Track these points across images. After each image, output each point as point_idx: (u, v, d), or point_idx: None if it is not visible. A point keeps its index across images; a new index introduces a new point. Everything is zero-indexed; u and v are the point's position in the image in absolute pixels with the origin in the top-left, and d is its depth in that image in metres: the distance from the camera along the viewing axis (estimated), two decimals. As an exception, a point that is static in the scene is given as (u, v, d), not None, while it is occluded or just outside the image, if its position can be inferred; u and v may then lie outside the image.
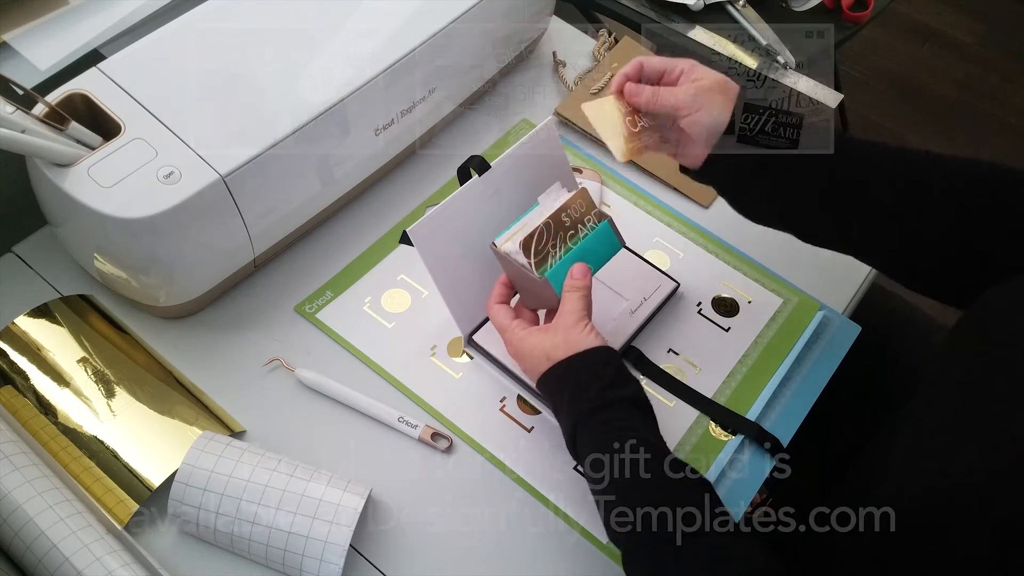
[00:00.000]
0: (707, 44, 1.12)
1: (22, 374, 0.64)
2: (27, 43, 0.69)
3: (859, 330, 0.75)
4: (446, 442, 0.66)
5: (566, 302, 0.61)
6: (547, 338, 0.61)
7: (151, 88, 0.64)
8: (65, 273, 0.72)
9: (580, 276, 0.62)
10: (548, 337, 0.61)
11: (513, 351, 0.63)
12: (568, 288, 0.62)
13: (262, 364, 0.69)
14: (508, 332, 0.63)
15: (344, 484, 0.59)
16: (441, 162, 0.83)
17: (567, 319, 0.61)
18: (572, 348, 0.59)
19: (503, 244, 0.63)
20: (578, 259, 0.63)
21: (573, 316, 0.61)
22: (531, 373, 0.62)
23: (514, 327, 0.63)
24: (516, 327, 0.63)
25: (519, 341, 0.62)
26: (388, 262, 0.76)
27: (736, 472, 0.67)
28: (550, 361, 0.59)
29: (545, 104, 0.90)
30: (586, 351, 0.59)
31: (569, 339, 0.60)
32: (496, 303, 0.65)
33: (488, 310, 0.65)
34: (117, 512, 0.58)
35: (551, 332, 0.61)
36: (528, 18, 0.84)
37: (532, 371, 0.62)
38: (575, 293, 0.61)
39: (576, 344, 0.59)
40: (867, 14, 1.19)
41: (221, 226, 0.64)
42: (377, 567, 0.61)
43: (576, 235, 0.65)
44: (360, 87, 0.68)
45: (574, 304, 0.61)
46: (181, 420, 0.63)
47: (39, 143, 0.58)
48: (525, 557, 0.62)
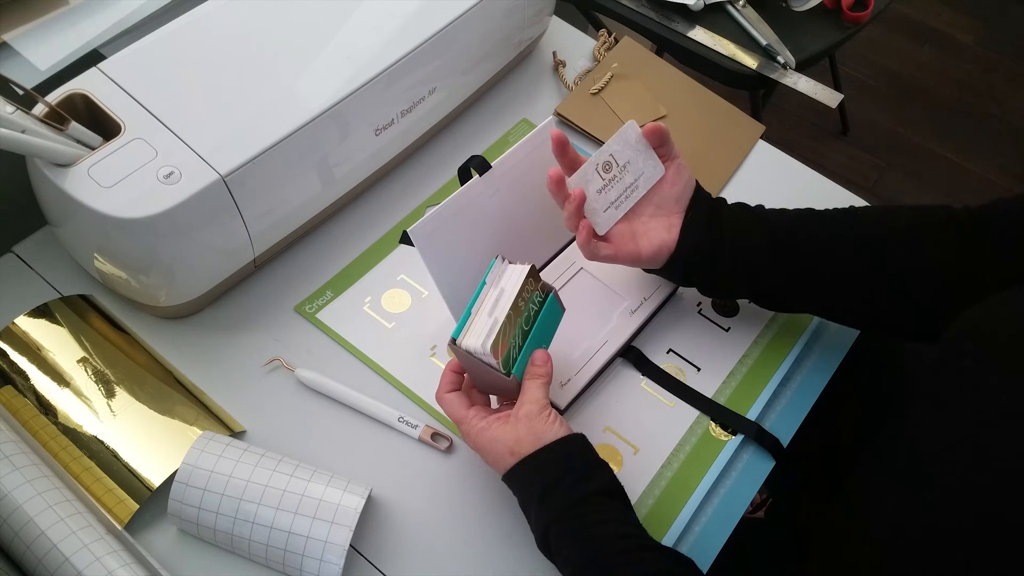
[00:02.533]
0: (707, 44, 1.12)
1: (22, 374, 0.64)
2: (27, 43, 0.69)
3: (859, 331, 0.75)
4: (446, 442, 0.66)
5: (528, 390, 0.58)
6: (509, 431, 0.57)
7: (151, 88, 0.64)
8: (65, 273, 0.72)
9: (541, 363, 0.59)
10: (510, 429, 0.57)
11: (472, 443, 0.59)
12: (530, 376, 0.58)
13: (262, 364, 0.69)
14: (465, 423, 0.59)
15: (344, 484, 0.59)
16: (441, 162, 0.83)
17: (530, 408, 0.57)
18: (538, 441, 0.56)
19: (464, 340, 0.58)
20: (535, 343, 0.60)
21: (536, 405, 0.57)
22: (495, 466, 0.58)
23: (471, 418, 0.59)
24: (473, 418, 0.59)
25: (478, 434, 0.58)
26: (388, 262, 0.76)
27: (736, 472, 0.67)
28: (515, 456, 0.56)
29: (545, 104, 0.90)
30: (553, 443, 0.56)
31: (534, 431, 0.56)
32: (446, 392, 0.60)
33: (439, 401, 0.61)
34: (117, 512, 0.58)
35: (512, 423, 0.57)
36: (528, 18, 0.84)
37: (495, 464, 0.58)
38: (537, 380, 0.58)
39: (542, 436, 0.56)
40: (867, 14, 1.19)
41: (221, 226, 0.64)
42: (377, 567, 0.61)
43: (530, 317, 0.60)
44: (360, 87, 0.68)
45: (535, 393, 0.57)
46: (181, 420, 0.63)
47: (39, 143, 0.58)
48: (525, 557, 0.62)
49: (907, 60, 2.18)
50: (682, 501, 0.65)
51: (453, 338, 0.58)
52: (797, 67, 1.11)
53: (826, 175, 0.87)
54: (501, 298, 0.59)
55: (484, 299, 0.60)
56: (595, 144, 0.87)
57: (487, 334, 0.57)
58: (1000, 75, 2.16)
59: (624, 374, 0.71)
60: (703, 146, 0.88)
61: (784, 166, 0.88)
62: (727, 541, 0.64)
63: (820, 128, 2.01)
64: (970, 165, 1.97)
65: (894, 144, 2.00)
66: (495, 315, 0.58)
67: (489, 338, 0.56)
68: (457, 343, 0.58)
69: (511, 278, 0.60)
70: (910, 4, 2.27)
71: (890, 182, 1.92)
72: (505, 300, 0.59)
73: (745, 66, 1.11)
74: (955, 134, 2.02)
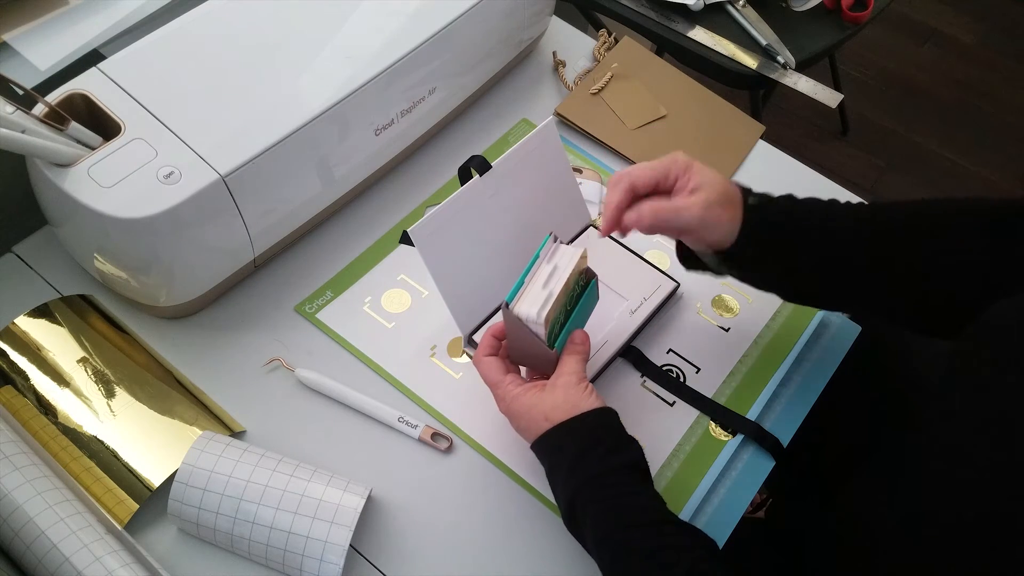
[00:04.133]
0: (707, 44, 1.12)
1: (22, 374, 0.64)
2: (27, 43, 0.69)
3: (859, 330, 0.75)
4: (446, 442, 0.66)
5: (566, 363, 0.59)
6: (546, 397, 0.58)
7: (151, 88, 0.64)
8: (65, 273, 0.72)
9: (581, 342, 0.61)
10: (547, 396, 0.58)
11: (505, 408, 0.60)
12: (569, 351, 0.60)
13: (262, 364, 0.69)
14: (501, 388, 0.60)
15: (344, 484, 0.59)
16: (441, 162, 0.83)
17: (568, 379, 0.58)
18: (574, 409, 0.57)
19: (517, 307, 0.59)
20: (575, 323, 0.62)
21: (574, 376, 0.59)
22: (526, 432, 0.59)
23: (507, 383, 0.60)
24: (509, 384, 0.60)
25: (514, 399, 0.59)
26: (388, 262, 0.76)
27: (736, 472, 0.67)
28: (550, 422, 0.57)
29: (545, 104, 0.90)
30: (588, 412, 0.57)
31: (570, 399, 0.57)
32: (486, 355, 0.62)
33: (477, 363, 0.62)
34: (117, 512, 0.58)
35: (550, 391, 0.58)
36: (528, 18, 0.84)
37: (527, 431, 0.59)
38: (576, 356, 0.60)
39: (578, 404, 0.57)
40: (867, 14, 1.19)
41: (221, 226, 0.64)
42: (377, 567, 0.61)
43: (573, 298, 0.63)
44: (360, 87, 0.68)
45: (574, 366, 0.59)
46: (181, 420, 0.63)
47: (39, 143, 0.58)
48: (525, 557, 0.62)
49: (907, 60, 2.17)
50: (682, 501, 0.65)
51: (506, 302, 0.59)
52: (797, 67, 1.11)
53: (826, 175, 0.87)
54: (555, 274, 0.61)
55: (537, 271, 0.61)
56: (595, 144, 0.87)
57: (542, 304, 0.58)
58: (1000, 75, 2.16)
59: (624, 374, 0.71)
60: (703, 146, 0.88)
61: (784, 166, 0.88)
62: (727, 541, 0.64)
63: (820, 128, 2.01)
64: (970, 165, 1.97)
65: (894, 144, 2.00)
66: (550, 287, 0.59)
67: (544, 308, 0.58)
68: (510, 308, 0.59)
69: (564, 257, 0.62)
70: (910, 4, 2.27)
71: (890, 182, 1.92)
72: (558, 276, 0.60)
73: (745, 66, 1.11)
74: (955, 134, 2.02)
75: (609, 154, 0.86)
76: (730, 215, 0.59)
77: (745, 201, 0.60)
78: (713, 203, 0.58)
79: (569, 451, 0.56)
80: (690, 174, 0.59)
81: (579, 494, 0.55)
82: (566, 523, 0.58)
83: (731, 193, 0.60)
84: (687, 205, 0.58)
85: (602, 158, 0.86)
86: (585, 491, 0.55)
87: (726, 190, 0.59)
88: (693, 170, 0.59)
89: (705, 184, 0.59)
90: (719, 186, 0.59)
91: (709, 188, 0.58)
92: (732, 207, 0.59)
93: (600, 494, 0.55)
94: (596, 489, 0.55)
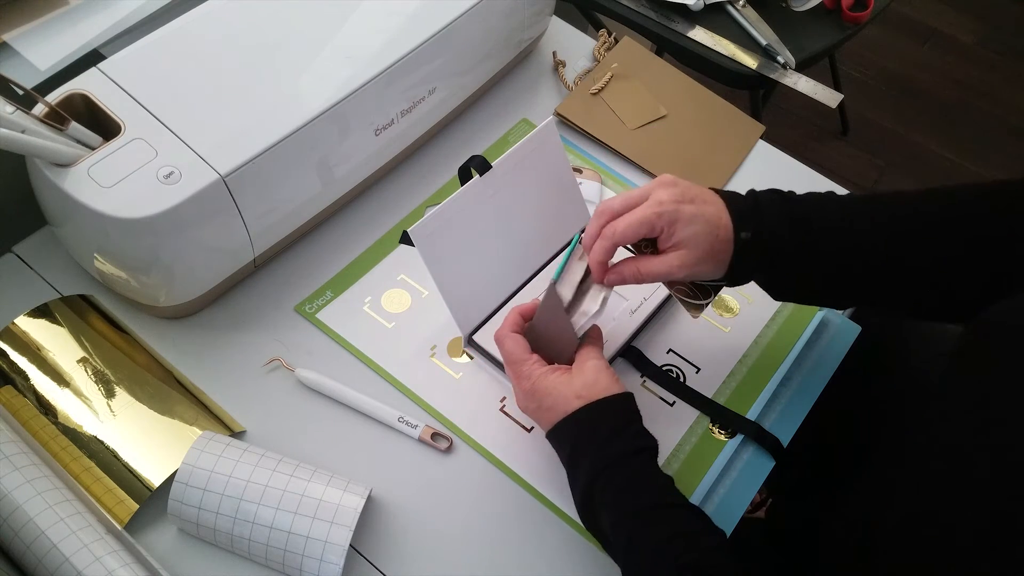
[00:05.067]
0: (707, 44, 1.12)
1: (22, 374, 0.64)
2: (27, 43, 0.69)
3: (859, 330, 0.75)
4: (446, 442, 0.66)
5: (591, 350, 0.60)
6: (575, 378, 0.59)
7: (151, 88, 0.64)
8: (65, 273, 0.72)
9: (598, 336, 0.63)
10: (576, 377, 0.59)
11: (529, 386, 0.60)
12: (590, 342, 0.61)
13: (262, 364, 0.69)
14: (526, 365, 0.60)
15: (344, 484, 0.59)
16: (441, 162, 0.83)
17: (598, 363, 0.59)
18: (607, 390, 0.58)
19: (561, 287, 0.61)
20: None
21: (602, 361, 0.60)
22: (549, 413, 0.59)
23: (532, 361, 0.60)
24: (535, 362, 0.60)
25: (540, 377, 0.59)
26: (388, 262, 0.76)
27: (736, 472, 0.67)
28: (581, 399, 0.57)
29: (545, 104, 0.90)
30: (620, 395, 0.58)
31: (601, 381, 0.58)
32: (512, 331, 0.62)
33: (499, 339, 0.62)
34: (117, 512, 0.58)
35: (578, 372, 0.59)
36: (528, 18, 0.84)
37: (552, 410, 0.58)
38: (597, 346, 0.62)
39: (610, 387, 0.58)
40: (867, 14, 1.19)
41: (221, 226, 0.64)
42: (377, 567, 0.61)
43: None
44: (360, 87, 0.68)
45: (598, 352, 0.61)
46: (181, 420, 0.63)
47: (39, 143, 0.58)
48: (525, 557, 0.62)
49: (907, 60, 2.18)
50: (682, 501, 0.65)
51: (554, 280, 0.61)
52: (797, 67, 1.11)
53: (826, 175, 0.87)
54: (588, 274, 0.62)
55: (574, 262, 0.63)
56: (595, 144, 0.87)
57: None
58: (1000, 75, 2.16)
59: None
60: (703, 146, 0.88)
61: (784, 166, 0.88)
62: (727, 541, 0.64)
63: (820, 128, 2.01)
64: (970, 165, 1.97)
65: (894, 144, 2.00)
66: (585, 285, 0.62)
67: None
68: (555, 286, 0.60)
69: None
70: (910, 4, 2.27)
71: (890, 182, 1.92)
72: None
73: (745, 66, 1.11)
74: (955, 134, 2.02)
75: (609, 154, 0.86)
76: (715, 264, 0.59)
77: (737, 236, 0.59)
78: (692, 263, 0.58)
79: (603, 428, 0.57)
80: (675, 228, 0.58)
81: (602, 474, 0.55)
82: (580, 504, 0.58)
83: (720, 239, 0.59)
84: (666, 270, 0.59)
85: (602, 158, 0.86)
86: (612, 469, 0.55)
87: (712, 244, 0.58)
88: (678, 224, 0.58)
89: (688, 241, 0.58)
90: (704, 242, 0.58)
91: (692, 246, 0.58)
92: (721, 252, 0.59)
93: (626, 472, 0.55)
94: (623, 468, 0.55)
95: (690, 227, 0.58)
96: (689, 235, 0.58)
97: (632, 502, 0.55)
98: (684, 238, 0.58)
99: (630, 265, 0.60)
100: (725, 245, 0.59)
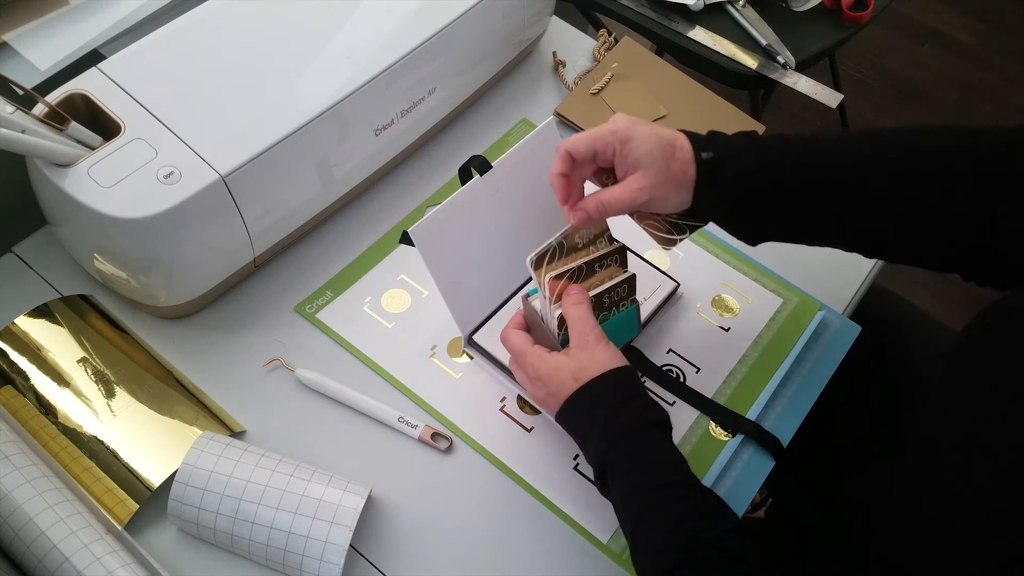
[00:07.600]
0: (707, 44, 1.12)
1: (22, 374, 0.64)
2: (27, 43, 0.69)
3: (859, 330, 0.75)
4: (446, 442, 0.66)
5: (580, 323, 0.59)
6: (571, 360, 0.58)
7: (151, 88, 0.64)
8: (65, 273, 0.72)
9: (578, 291, 0.61)
10: (571, 359, 0.58)
11: (533, 373, 0.60)
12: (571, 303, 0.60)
13: (262, 364, 0.69)
14: (529, 355, 0.60)
15: (344, 484, 0.59)
16: (441, 162, 0.83)
17: (590, 337, 0.58)
18: (604, 365, 0.57)
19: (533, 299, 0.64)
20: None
21: (593, 334, 0.58)
22: (554, 396, 0.59)
23: (536, 350, 0.60)
24: (538, 351, 0.60)
25: (542, 362, 0.59)
26: (388, 262, 0.76)
27: (736, 472, 0.67)
28: (578, 381, 0.57)
29: (545, 104, 0.90)
30: (617, 368, 0.57)
31: (595, 357, 0.57)
32: (515, 328, 0.63)
33: (505, 335, 0.63)
34: (117, 512, 0.58)
35: (573, 354, 0.58)
36: (528, 18, 0.84)
37: (556, 394, 0.58)
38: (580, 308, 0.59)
39: (605, 362, 0.57)
40: (867, 14, 1.19)
41: (221, 226, 0.64)
42: (377, 567, 0.61)
43: (606, 317, 0.65)
44: (360, 87, 0.68)
45: (591, 323, 0.59)
46: (181, 420, 0.63)
47: (39, 143, 0.58)
48: (525, 557, 0.62)
49: (907, 60, 2.17)
50: (682, 501, 0.65)
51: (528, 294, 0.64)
52: (797, 67, 1.11)
53: (826, 175, 0.87)
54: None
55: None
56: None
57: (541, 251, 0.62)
58: (1000, 75, 2.16)
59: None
60: (703, 146, 0.88)
61: (784, 166, 0.88)
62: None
63: (820, 128, 2.00)
64: (970, 165, 1.97)
65: (894, 144, 2.00)
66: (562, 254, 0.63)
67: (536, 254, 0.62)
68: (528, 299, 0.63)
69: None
70: (910, 4, 2.27)
71: (890, 182, 1.92)
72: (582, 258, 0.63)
73: (745, 66, 1.10)
74: (955, 134, 2.02)
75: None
76: (677, 187, 0.58)
77: (698, 157, 0.58)
78: (651, 184, 0.57)
79: (602, 407, 0.56)
80: (628, 147, 0.57)
81: (612, 449, 0.55)
82: (599, 487, 0.57)
83: (677, 159, 0.58)
84: (628, 196, 0.58)
85: (602, 158, 0.86)
86: (623, 441, 0.55)
87: (669, 164, 0.57)
88: (632, 143, 0.57)
89: (643, 159, 0.57)
90: (660, 159, 0.57)
91: (647, 164, 0.57)
92: (680, 175, 0.58)
93: (629, 449, 0.55)
94: (627, 446, 0.55)
95: (644, 145, 0.57)
96: (644, 153, 0.57)
97: (644, 478, 0.54)
98: (639, 156, 0.57)
99: (591, 199, 0.59)
100: (683, 166, 0.58)
